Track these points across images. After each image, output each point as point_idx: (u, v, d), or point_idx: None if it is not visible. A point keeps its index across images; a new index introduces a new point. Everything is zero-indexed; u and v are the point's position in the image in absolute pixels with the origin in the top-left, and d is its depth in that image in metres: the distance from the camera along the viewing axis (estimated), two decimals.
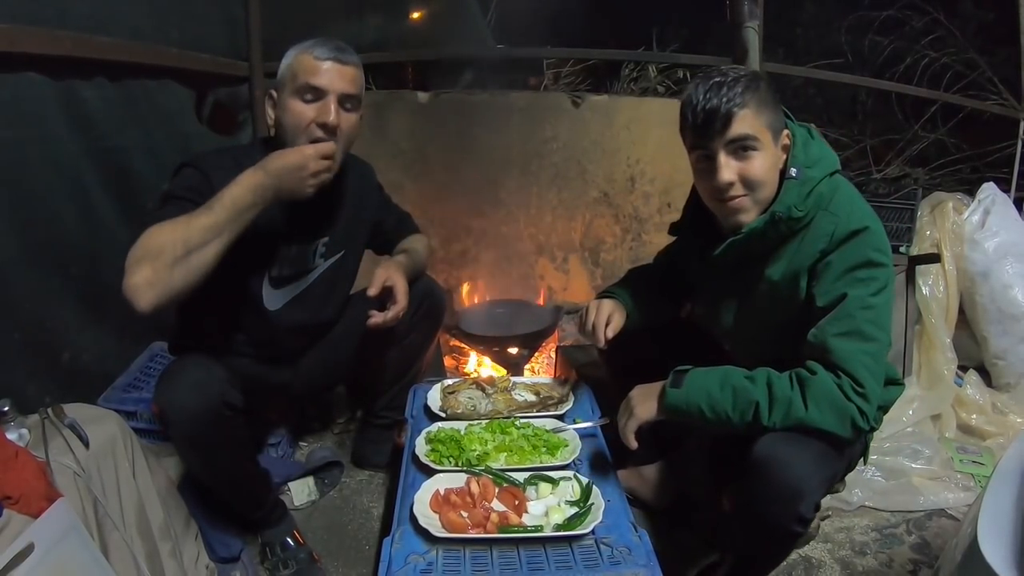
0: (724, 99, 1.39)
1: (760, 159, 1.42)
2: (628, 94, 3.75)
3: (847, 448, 1.43)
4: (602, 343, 1.71)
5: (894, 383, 1.59)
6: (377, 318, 1.76)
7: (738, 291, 1.59)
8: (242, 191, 1.42)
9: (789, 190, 1.43)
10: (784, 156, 1.46)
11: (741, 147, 1.42)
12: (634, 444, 1.55)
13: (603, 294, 1.83)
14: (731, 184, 1.43)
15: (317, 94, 1.60)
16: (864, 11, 4.34)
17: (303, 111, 1.60)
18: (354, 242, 1.93)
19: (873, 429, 1.56)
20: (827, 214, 1.43)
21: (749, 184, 1.44)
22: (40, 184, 1.86)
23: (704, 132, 1.43)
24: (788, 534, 1.36)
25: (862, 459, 1.62)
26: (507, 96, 3.18)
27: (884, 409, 1.59)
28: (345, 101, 1.63)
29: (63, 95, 1.92)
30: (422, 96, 3.17)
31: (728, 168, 1.43)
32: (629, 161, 3.28)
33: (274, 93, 1.66)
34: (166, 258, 1.33)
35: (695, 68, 3.79)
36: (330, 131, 1.60)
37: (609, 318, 1.72)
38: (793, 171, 1.44)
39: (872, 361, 1.36)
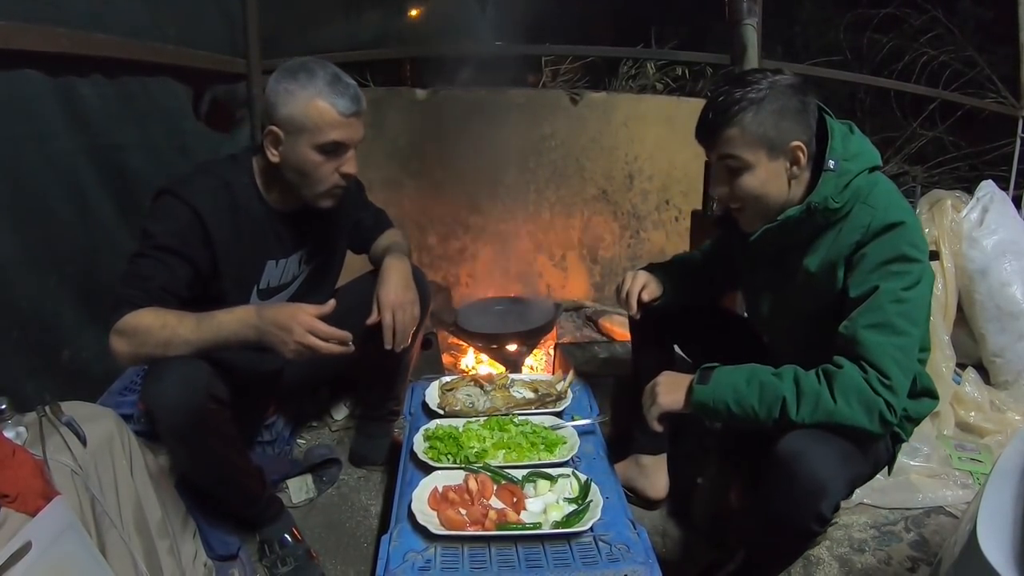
0: (714, 114, 1.44)
1: (748, 178, 1.45)
2: (626, 91, 3.75)
3: (872, 449, 1.43)
4: (634, 310, 1.75)
5: (929, 395, 1.57)
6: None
7: (777, 281, 1.60)
8: (233, 324, 1.50)
9: (826, 182, 1.43)
10: (792, 166, 1.45)
11: (728, 166, 1.46)
12: (659, 428, 1.57)
13: (643, 269, 1.85)
14: (721, 196, 1.51)
15: (340, 148, 1.62)
16: (863, 9, 4.34)
17: (325, 166, 1.62)
18: (334, 244, 1.95)
19: (902, 439, 1.57)
20: (865, 206, 1.43)
21: (737, 199, 1.49)
22: (38, 181, 1.86)
23: (700, 139, 1.50)
24: (805, 532, 1.35)
25: (887, 468, 1.60)
26: (505, 93, 3.19)
27: (915, 421, 1.58)
28: (358, 145, 1.67)
29: (60, 92, 1.92)
30: (420, 93, 3.17)
31: (717, 182, 1.51)
32: (627, 158, 3.28)
33: (278, 131, 1.59)
34: (146, 349, 1.47)
35: (693, 65, 3.80)
36: (350, 180, 1.68)
37: (644, 287, 1.75)
38: (831, 163, 1.44)
39: (902, 355, 1.35)
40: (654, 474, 1.92)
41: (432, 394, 1.92)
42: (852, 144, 1.47)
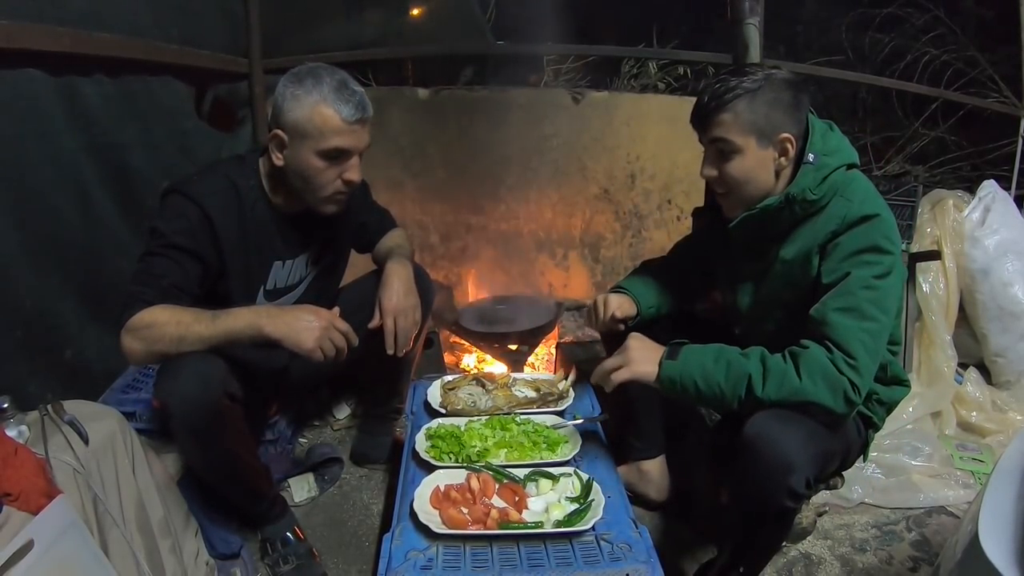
0: (709, 98, 1.47)
1: (738, 162, 1.48)
2: (628, 91, 3.76)
3: (841, 428, 1.45)
4: (611, 328, 1.75)
5: (899, 383, 1.61)
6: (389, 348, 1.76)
7: (754, 272, 1.63)
8: (243, 329, 1.49)
9: (805, 174, 1.47)
10: (780, 157, 1.49)
11: (719, 149, 1.50)
12: (611, 387, 1.55)
13: (613, 290, 1.84)
14: (709, 178, 1.54)
15: (343, 155, 1.61)
16: (865, 8, 4.33)
17: (327, 172, 1.61)
18: (340, 246, 1.96)
19: (876, 428, 1.61)
20: (841, 199, 1.46)
21: (724, 183, 1.52)
22: (40, 180, 1.86)
23: (694, 123, 1.54)
24: (781, 510, 1.36)
25: (862, 456, 1.64)
26: (507, 92, 3.18)
27: (888, 408, 1.62)
28: (364, 152, 1.66)
29: (62, 91, 1.92)
30: (422, 92, 3.17)
31: (707, 164, 1.54)
32: (629, 158, 3.28)
33: (282, 135, 1.59)
34: (159, 347, 1.47)
35: (695, 65, 3.80)
36: (352, 186, 1.65)
37: (618, 308, 1.75)
38: (810, 156, 1.48)
39: (869, 338, 1.38)
40: (654, 478, 1.93)
41: (434, 393, 1.92)
42: (831, 141, 1.52)
